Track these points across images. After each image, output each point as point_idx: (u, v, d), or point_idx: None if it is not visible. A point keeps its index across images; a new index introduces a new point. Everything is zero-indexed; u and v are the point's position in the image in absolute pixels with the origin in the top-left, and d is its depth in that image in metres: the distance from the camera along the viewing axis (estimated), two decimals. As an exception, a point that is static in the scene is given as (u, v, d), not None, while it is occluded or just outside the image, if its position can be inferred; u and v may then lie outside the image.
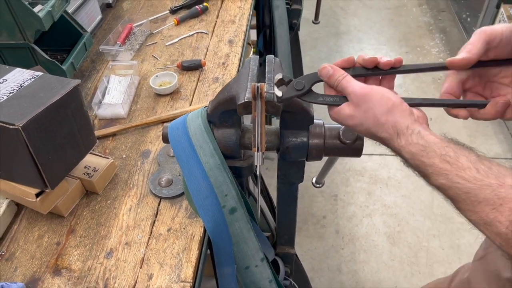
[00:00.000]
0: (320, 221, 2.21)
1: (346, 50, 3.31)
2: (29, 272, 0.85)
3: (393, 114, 0.61)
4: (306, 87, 0.69)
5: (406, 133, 0.59)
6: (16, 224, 0.94)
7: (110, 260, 0.86)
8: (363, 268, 2.01)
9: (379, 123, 0.61)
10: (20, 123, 0.76)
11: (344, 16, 3.68)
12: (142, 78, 1.28)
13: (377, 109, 0.61)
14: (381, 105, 0.61)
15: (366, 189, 2.35)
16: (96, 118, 1.17)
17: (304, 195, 2.32)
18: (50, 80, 0.89)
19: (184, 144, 0.84)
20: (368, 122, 0.62)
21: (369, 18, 3.64)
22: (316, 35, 3.45)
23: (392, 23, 3.59)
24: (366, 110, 0.62)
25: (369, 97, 0.62)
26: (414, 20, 3.61)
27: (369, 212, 2.23)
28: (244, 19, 1.50)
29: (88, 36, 1.31)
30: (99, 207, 0.96)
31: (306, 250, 2.09)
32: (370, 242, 2.10)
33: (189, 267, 0.84)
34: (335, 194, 2.33)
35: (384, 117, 0.61)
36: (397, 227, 2.16)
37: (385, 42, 3.37)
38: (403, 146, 0.59)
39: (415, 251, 2.06)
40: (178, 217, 0.93)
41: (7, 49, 1.17)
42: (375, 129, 0.62)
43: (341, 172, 2.43)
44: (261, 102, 0.73)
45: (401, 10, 3.73)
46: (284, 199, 1.02)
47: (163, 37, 1.45)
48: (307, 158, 0.86)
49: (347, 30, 3.51)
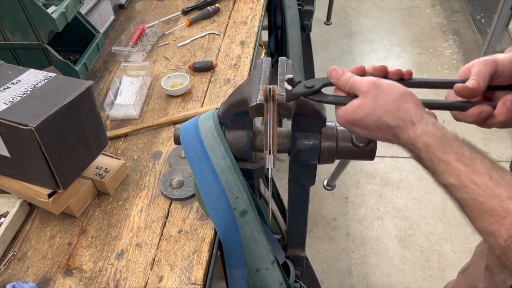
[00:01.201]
0: (330, 223, 2.20)
1: (358, 51, 3.29)
2: (40, 272, 0.86)
3: (405, 101, 0.58)
4: (316, 86, 0.68)
5: (421, 121, 0.56)
6: (29, 224, 0.94)
7: (121, 261, 0.86)
8: (374, 271, 1.99)
9: (391, 110, 0.58)
10: (33, 124, 0.77)
11: (356, 17, 3.66)
12: (154, 79, 1.29)
13: (388, 95, 0.58)
14: (391, 92, 0.59)
15: (377, 191, 2.32)
16: (108, 119, 1.17)
17: (314, 197, 2.31)
18: (63, 81, 0.89)
19: (195, 146, 0.84)
20: (378, 110, 0.58)
21: (381, 19, 3.62)
22: (328, 36, 3.43)
23: (404, 24, 3.56)
24: (376, 97, 0.59)
25: (378, 85, 0.59)
26: (427, 21, 3.57)
27: (380, 215, 2.21)
28: (256, 20, 1.49)
29: (100, 37, 1.32)
30: (110, 208, 0.96)
31: (316, 253, 2.08)
32: (381, 245, 2.08)
33: (199, 269, 0.84)
34: (346, 196, 2.31)
35: (395, 104, 0.58)
36: (408, 230, 2.14)
37: (397, 43, 3.34)
38: (419, 136, 0.56)
39: (427, 255, 2.03)
40: (189, 219, 0.93)
41: (21, 50, 1.18)
42: (386, 117, 0.58)
43: (352, 174, 2.42)
44: (273, 105, 0.72)
45: (413, 11, 3.69)
46: (295, 202, 1.02)
47: (175, 38, 1.46)
48: (319, 161, 0.85)
49: (359, 31, 3.49)
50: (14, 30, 1.13)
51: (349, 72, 0.66)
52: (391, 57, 3.21)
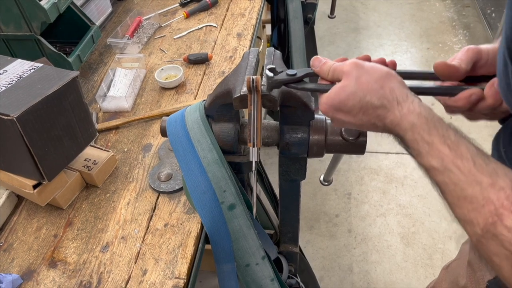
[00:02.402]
0: (332, 219, 2.17)
1: (365, 45, 3.24)
2: (25, 263, 0.85)
3: (389, 80, 0.56)
4: (298, 75, 0.66)
5: (407, 100, 0.54)
6: (16, 215, 0.94)
7: (105, 254, 0.85)
8: (375, 268, 1.97)
9: (375, 88, 0.55)
10: (15, 114, 0.76)
11: (364, 11, 3.61)
12: (149, 71, 1.27)
13: (371, 74, 0.56)
14: (374, 71, 0.56)
15: (381, 188, 2.29)
16: (100, 111, 1.16)
17: (317, 193, 2.29)
18: (49, 72, 0.88)
19: (181, 138, 0.82)
20: (362, 88, 0.56)
21: (390, 13, 3.56)
22: (335, 30, 3.39)
23: (413, 18, 3.49)
24: (359, 76, 0.56)
25: (360, 65, 0.57)
26: (437, 15, 3.50)
27: (383, 212, 2.18)
28: (254, 12, 1.47)
29: (96, 28, 1.31)
30: (98, 200, 0.95)
31: (317, 249, 2.05)
32: (383, 243, 2.05)
33: (184, 263, 0.83)
34: (349, 193, 2.28)
35: (379, 82, 0.55)
36: (411, 228, 2.10)
37: (405, 38, 3.28)
38: (405, 115, 0.53)
39: (430, 253, 2.00)
40: (175, 212, 0.91)
41: (14, 41, 1.18)
42: (370, 96, 0.55)
43: (356, 170, 2.38)
44: (257, 96, 0.71)
45: (423, 5, 3.63)
46: (286, 196, 1.00)
47: (172, 30, 1.44)
48: (308, 155, 0.83)
49: (367, 26, 3.44)
50: (7, 21, 1.13)
51: (332, 61, 0.64)
52: (398, 52, 3.16)
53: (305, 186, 2.29)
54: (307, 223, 2.16)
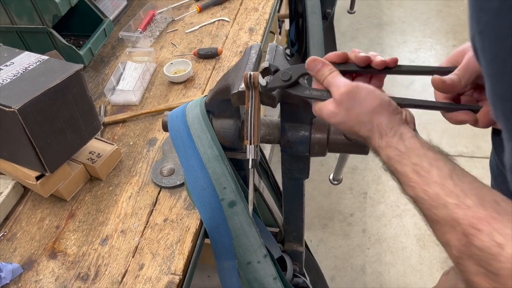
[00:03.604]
0: (347, 218, 2.14)
1: (388, 42, 3.16)
2: (27, 253, 0.86)
3: (378, 113, 0.56)
4: (292, 79, 0.64)
5: (388, 134, 0.55)
6: (21, 205, 0.95)
7: (104, 247, 0.86)
8: (389, 270, 1.93)
9: (362, 121, 0.57)
10: (16, 106, 0.77)
11: (389, 6, 3.52)
12: (159, 65, 1.27)
13: (361, 107, 0.57)
14: (366, 103, 0.57)
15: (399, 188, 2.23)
16: (109, 104, 1.17)
17: (332, 191, 2.25)
18: (54, 64, 0.89)
19: (182, 134, 0.82)
20: (350, 120, 0.58)
21: (416, 9, 3.46)
22: (357, 26, 3.32)
23: (440, 14, 3.39)
24: (349, 108, 0.57)
25: (353, 95, 0.57)
26: (465, 12, 3.38)
27: (400, 213, 2.13)
28: (268, 7, 1.45)
29: (108, 22, 1.31)
30: (100, 193, 0.96)
31: (330, 248, 2.03)
32: (398, 244, 2.01)
33: (180, 259, 0.82)
34: (365, 192, 2.24)
35: (368, 116, 0.57)
36: (428, 230, 2.04)
37: (430, 35, 3.19)
38: (382, 148, 0.55)
39: (446, 256, 1.92)
40: (176, 208, 0.91)
41: (27, 33, 1.20)
42: (357, 128, 0.58)
43: (373, 169, 2.34)
44: (254, 92, 0.69)
45: (451, 1, 3.51)
46: (290, 194, 0.98)
47: (184, 24, 1.43)
48: (310, 153, 0.81)
49: (390, 21, 3.35)
50: (20, 14, 1.15)
51: (328, 65, 0.62)
52: (423, 49, 3.08)
53: (320, 184, 2.26)
54: (321, 222, 2.13)
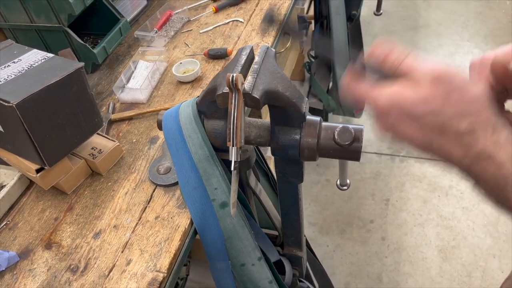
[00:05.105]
0: (366, 225, 2.09)
1: (423, 45, 3.06)
2: (25, 242, 0.90)
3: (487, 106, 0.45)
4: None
5: (504, 129, 0.43)
6: (26, 196, 0.99)
7: (96, 240, 0.88)
8: (407, 280, 1.86)
9: (468, 111, 0.44)
10: (14, 101, 0.80)
11: (426, 8, 3.41)
12: (170, 64, 1.29)
13: (464, 93, 0.45)
14: (468, 89, 0.45)
15: (423, 196, 2.16)
16: (118, 102, 1.20)
17: (353, 196, 2.21)
18: (57, 62, 0.92)
19: (174, 133, 0.83)
20: (449, 108, 0.44)
21: (454, 11, 3.33)
22: (391, 28, 3.24)
23: (479, 16, 3.25)
24: (450, 92, 0.44)
25: (450, 78, 0.45)
26: (507, 14, 3.23)
27: (422, 222, 2.06)
28: (283, 9, 1.44)
29: (124, 21, 1.35)
30: (99, 188, 0.98)
31: (347, 254, 1.99)
32: (418, 254, 1.94)
33: (166, 257, 0.83)
34: (387, 199, 2.18)
35: (474, 106, 0.44)
36: (451, 241, 1.96)
37: (468, 38, 3.06)
38: (502, 145, 0.42)
39: (470, 270, 1.86)
40: (168, 206, 0.92)
41: (45, 32, 1.25)
42: (458, 118, 0.44)
43: (397, 176, 2.27)
44: (237, 94, 0.69)
45: (492, 3, 3.35)
46: (285, 198, 0.97)
47: (199, 25, 1.45)
48: (300, 158, 0.80)
49: (426, 24, 3.24)
50: (38, 13, 1.20)
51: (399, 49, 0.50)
52: (459, 53, 2.95)
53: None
54: (339, 227, 2.09)
